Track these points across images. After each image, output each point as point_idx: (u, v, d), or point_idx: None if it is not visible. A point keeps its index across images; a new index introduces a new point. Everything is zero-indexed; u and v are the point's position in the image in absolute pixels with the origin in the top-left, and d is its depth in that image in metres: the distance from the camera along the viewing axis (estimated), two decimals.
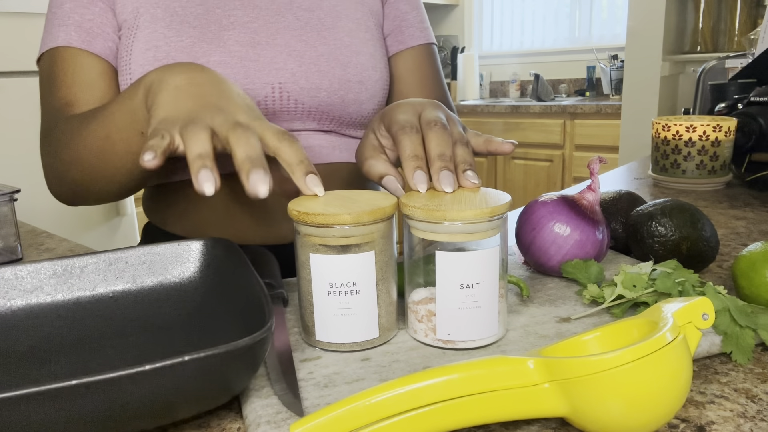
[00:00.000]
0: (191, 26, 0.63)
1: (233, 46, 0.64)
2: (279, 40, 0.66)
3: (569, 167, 2.96)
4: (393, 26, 0.76)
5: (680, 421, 0.36)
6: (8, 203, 0.74)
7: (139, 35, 0.63)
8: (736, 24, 2.34)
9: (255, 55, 0.65)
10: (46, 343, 0.44)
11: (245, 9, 0.66)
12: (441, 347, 0.44)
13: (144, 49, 0.63)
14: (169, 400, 0.32)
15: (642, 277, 0.48)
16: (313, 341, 0.44)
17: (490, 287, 0.43)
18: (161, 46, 0.62)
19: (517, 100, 3.44)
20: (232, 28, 0.65)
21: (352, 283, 0.42)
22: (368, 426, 0.31)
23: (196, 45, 0.63)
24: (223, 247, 0.50)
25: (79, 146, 0.57)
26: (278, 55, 0.66)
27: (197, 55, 0.63)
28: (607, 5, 3.31)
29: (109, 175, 0.57)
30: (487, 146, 0.53)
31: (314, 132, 0.70)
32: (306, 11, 0.69)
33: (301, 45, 0.67)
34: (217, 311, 0.46)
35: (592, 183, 0.55)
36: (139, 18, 0.64)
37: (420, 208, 0.42)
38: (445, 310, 0.43)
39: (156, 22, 0.63)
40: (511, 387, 0.32)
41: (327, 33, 0.68)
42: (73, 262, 0.49)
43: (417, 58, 0.77)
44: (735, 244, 0.69)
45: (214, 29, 0.64)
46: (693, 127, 0.95)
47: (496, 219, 0.42)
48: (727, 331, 0.42)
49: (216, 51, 0.63)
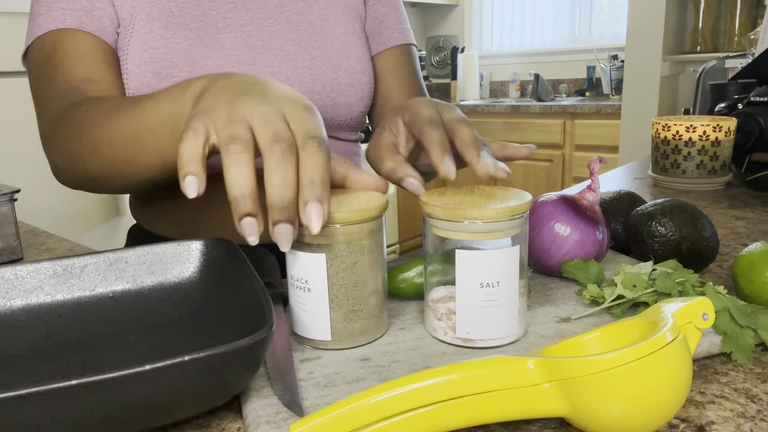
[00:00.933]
0: (188, 28, 0.63)
1: (230, 49, 0.64)
2: (273, 43, 0.66)
3: (569, 167, 2.96)
4: (372, 27, 0.77)
5: (680, 421, 0.36)
6: (8, 203, 0.74)
7: (136, 35, 0.63)
8: (736, 24, 2.34)
9: (251, 59, 0.65)
10: (46, 343, 0.44)
11: (239, 11, 0.66)
12: (460, 345, 0.44)
13: (141, 50, 0.62)
14: (169, 400, 0.32)
15: (642, 277, 0.48)
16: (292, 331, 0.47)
17: (510, 286, 0.43)
18: (158, 47, 0.62)
19: (517, 100, 3.43)
20: (228, 31, 0.64)
21: (305, 280, 0.43)
22: (368, 426, 0.31)
23: (193, 48, 0.62)
24: (223, 247, 0.50)
25: (101, 138, 0.53)
26: (273, 59, 0.66)
27: (195, 58, 0.62)
28: (607, 5, 3.31)
29: (129, 172, 0.53)
30: (503, 151, 0.53)
31: None
32: (297, 15, 0.69)
33: (295, 49, 0.67)
34: (217, 311, 0.46)
35: (592, 183, 0.55)
36: (136, 17, 0.63)
37: (440, 207, 0.42)
38: (465, 309, 0.43)
39: (152, 22, 0.63)
40: (511, 387, 0.32)
41: (318, 37, 0.69)
42: (73, 262, 0.49)
43: (395, 59, 0.78)
44: (735, 244, 0.69)
45: (211, 32, 0.64)
46: (693, 127, 0.95)
47: (516, 218, 0.42)
48: (727, 331, 0.42)
49: (213, 54, 0.63)
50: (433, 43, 3.90)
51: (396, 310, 0.51)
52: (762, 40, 1.33)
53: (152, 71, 0.62)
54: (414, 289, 0.52)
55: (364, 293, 0.44)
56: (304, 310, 0.44)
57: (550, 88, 3.32)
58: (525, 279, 0.45)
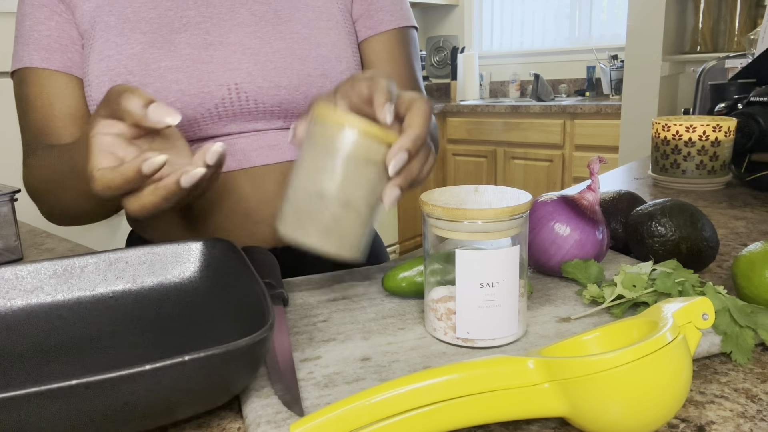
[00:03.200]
0: (141, 32, 0.62)
1: (184, 49, 0.62)
2: (232, 38, 0.63)
3: (569, 167, 2.96)
4: (362, 10, 0.71)
5: (680, 421, 0.36)
6: (8, 203, 0.74)
7: (94, 45, 0.62)
8: (736, 24, 2.34)
9: (207, 56, 0.62)
10: (46, 343, 0.44)
11: (198, 8, 0.64)
12: (460, 345, 0.44)
13: (98, 60, 0.62)
14: (169, 400, 0.32)
15: (642, 277, 0.48)
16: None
17: (510, 286, 0.43)
18: (113, 55, 0.61)
19: (517, 100, 3.43)
20: (184, 30, 0.63)
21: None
22: (368, 426, 0.31)
23: (146, 51, 0.61)
24: (223, 247, 0.50)
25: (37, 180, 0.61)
26: (232, 55, 0.63)
27: (148, 61, 0.61)
28: (607, 5, 3.31)
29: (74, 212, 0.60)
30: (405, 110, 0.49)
31: (281, 130, 0.67)
32: (261, 4, 0.65)
33: (256, 42, 0.64)
34: (217, 311, 0.46)
35: (592, 183, 0.55)
36: (95, 27, 0.63)
37: (440, 207, 0.42)
38: (465, 309, 0.43)
39: (109, 31, 0.62)
40: (511, 387, 0.32)
41: (283, 27, 0.65)
42: (73, 262, 0.49)
43: (387, 44, 0.71)
44: (735, 244, 0.69)
45: (165, 33, 0.62)
46: (693, 127, 0.95)
47: (516, 218, 0.42)
48: (727, 331, 0.42)
49: (166, 56, 0.61)
50: (433, 43, 3.90)
51: (396, 310, 0.51)
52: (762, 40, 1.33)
53: (109, 80, 0.61)
54: (414, 288, 0.52)
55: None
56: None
57: (550, 88, 3.32)
58: (525, 279, 0.45)
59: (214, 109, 0.63)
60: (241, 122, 0.65)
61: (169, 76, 0.61)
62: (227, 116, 0.64)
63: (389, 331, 0.47)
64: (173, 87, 0.61)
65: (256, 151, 0.65)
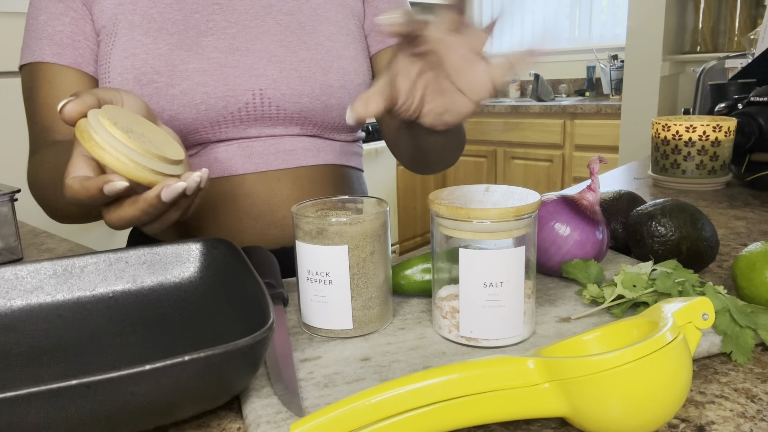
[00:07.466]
0: (168, 33, 0.63)
1: (212, 52, 0.63)
2: (258, 45, 0.65)
3: (569, 167, 2.96)
4: (373, 24, 0.74)
5: (680, 421, 0.36)
6: (8, 203, 0.74)
7: (118, 43, 0.63)
8: (736, 24, 2.34)
9: (234, 61, 0.64)
10: (46, 343, 0.44)
11: (224, 13, 0.65)
12: (464, 344, 0.44)
13: (122, 57, 0.62)
14: (169, 400, 0.32)
15: (642, 277, 0.48)
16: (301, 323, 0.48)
17: (514, 287, 0.43)
18: (139, 54, 0.62)
19: (517, 100, 3.43)
20: (211, 34, 0.64)
21: (325, 273, 0.45)
22: (368, 426, 0.31)
23: (173, 52, 0.62)
24: (223, 247, 0.50)
25: (40, 178, 0.62)
26: (258, 61, 0.65)
27: (175, 62, 0.62)
28: (607, 5, 3.31)
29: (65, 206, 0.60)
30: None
31: (297, 136, 0.69)
32: (286, 15, 0.67)
33: (282, 50, 0.66)
34: (217, 311, 0.46)
35: (592, 183, 0.55)
36: (118, 24, 0.63)
37: (446, 206, 0.42)
38: (468, 308, 0.43)
39: (134, 29, 0.63)
40: (511, 387, 0.32)
41: (307, 38, 0.67)
42: (73, 262, 0.49)
43: None
44: (735, 244, 0.69)
45: (192, 35, 0.63)
46: (693, 127, 0.95)
47: (523, 218, 0.42)
48: (727, 331, 0.42)
49: (194, 58, 0.62)
50: None
51: (396, 309, 0.51)
52: (762, 40, 1.33)
53: (134, 78, 0.62)
54: (414, 288, 0.52)
55: (380, 280, 0.46)
56: (324, 303, 0.45)
57: (550, 88, 3.32)
58: (532, 280, 0.45)
59: (237, 112, 0.64)
60: (261, 127, 0.67)
61: (196, 78, 0.62)
62: (248, 120, 0.65)
63: (389, 331, 0.47)
64: (199, 89, 0.62)
65: (273, 156, 0.67)
